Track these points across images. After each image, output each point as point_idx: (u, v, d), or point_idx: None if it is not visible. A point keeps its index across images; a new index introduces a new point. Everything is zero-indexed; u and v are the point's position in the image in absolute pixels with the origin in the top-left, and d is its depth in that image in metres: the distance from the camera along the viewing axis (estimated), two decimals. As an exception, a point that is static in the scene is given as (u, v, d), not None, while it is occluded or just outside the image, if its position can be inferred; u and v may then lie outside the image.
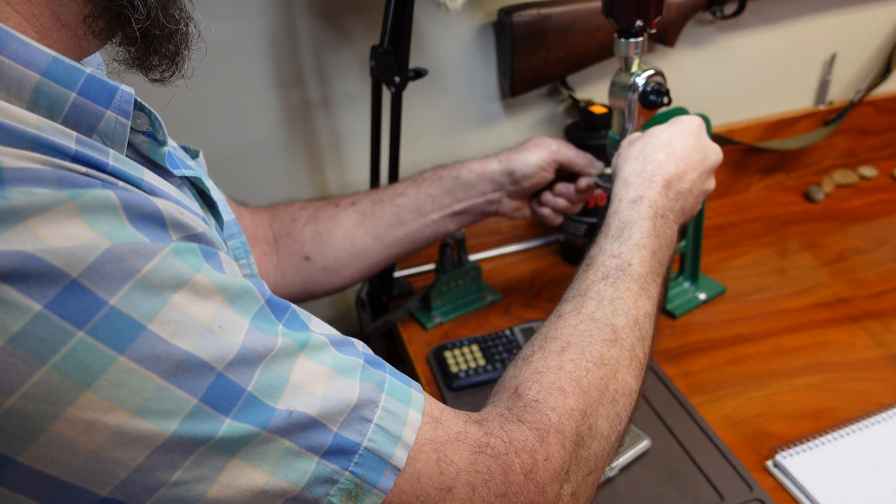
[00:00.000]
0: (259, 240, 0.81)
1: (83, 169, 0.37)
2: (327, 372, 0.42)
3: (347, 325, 1.17)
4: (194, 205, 0.50)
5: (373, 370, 0.45)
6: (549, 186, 0.87)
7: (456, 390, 0.84)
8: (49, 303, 0.33)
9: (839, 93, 1.24)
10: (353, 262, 0.84)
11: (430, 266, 1.06)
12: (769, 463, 0.73)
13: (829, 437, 0.75)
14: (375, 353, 0.49)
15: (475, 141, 1.08)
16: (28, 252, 0.32)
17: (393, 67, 0.85)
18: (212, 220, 0.54)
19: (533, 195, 0.88)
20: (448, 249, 0.97)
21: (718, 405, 0.81)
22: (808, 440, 0.74)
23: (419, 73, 0.88)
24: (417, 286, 1.03)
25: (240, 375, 0.38)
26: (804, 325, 0.92)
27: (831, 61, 1.19)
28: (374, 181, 0.96)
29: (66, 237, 0.34)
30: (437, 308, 0.98)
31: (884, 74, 1.20)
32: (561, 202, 0.86)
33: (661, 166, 0.68)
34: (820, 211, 1.18)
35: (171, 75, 0.49)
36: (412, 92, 0.94)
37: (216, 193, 0.60)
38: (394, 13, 0.82)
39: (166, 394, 0.35)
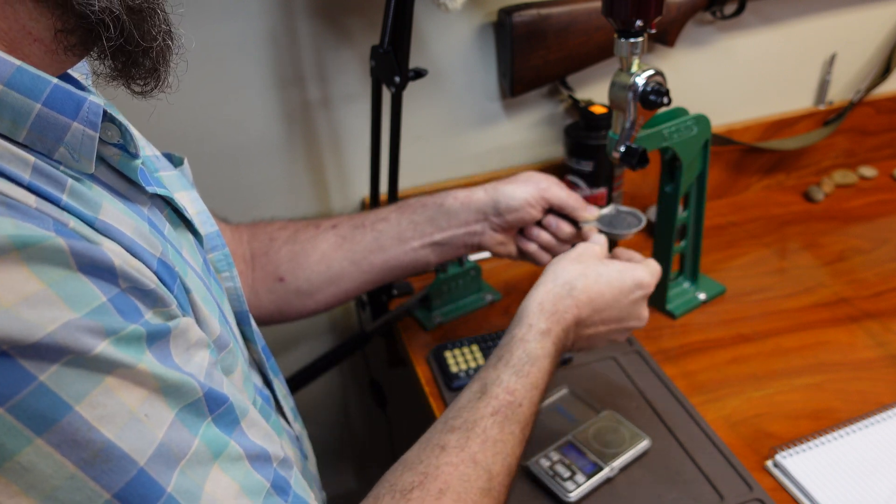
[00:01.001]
0: (237, 258, 0.80)
1: (34, 201, 0.36)
2: (237, 489, 0.41)
3: (347, 325, 1.17)
4: (165, 225, 0.49)
5: (276, 497, 0.45)
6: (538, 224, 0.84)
7: (456, 390, 0.84)
8: None
9: (839, 93, 1.24)
10: (327, 286, 0.82)
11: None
12: (769, 463, 0.73)
13: (828, 437, 0.75)
14: (375, 352, 0.49)
15: (475, 141, 1.08)
16: None
17: (393, 67, 0.85)
18: (186, 238, 0.53)
19: (520, 232, 0.84)
20: (448, 249, 0.97)
21: (718, 405, 0.81)
22: (808, 440, 0.74)
23: (419, 73, 0.87)
24: (417, 286, 1.03)
25: (161, 474, 0.36)
26: (804, 325, 0.92)
27: (831, 61, 1.19)
28: (374, 181, 0.96)
29: (11, 289, 0.32)
30: (437, 308, 0.98)
31: (884, 74, 1.20)
32: (545, 236, 0.83)
33: (581, 306, 0.68)
34: (820, 211, 1.18)
35: (152, 89, 0.48)
36: (412, 92, 0.94)
37: (196, 206, 0.59)
38: (394, 13, 0.82)
39: (78, 484, 0.33)
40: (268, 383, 0.65)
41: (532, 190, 0.80)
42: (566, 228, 0.82)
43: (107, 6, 0.40)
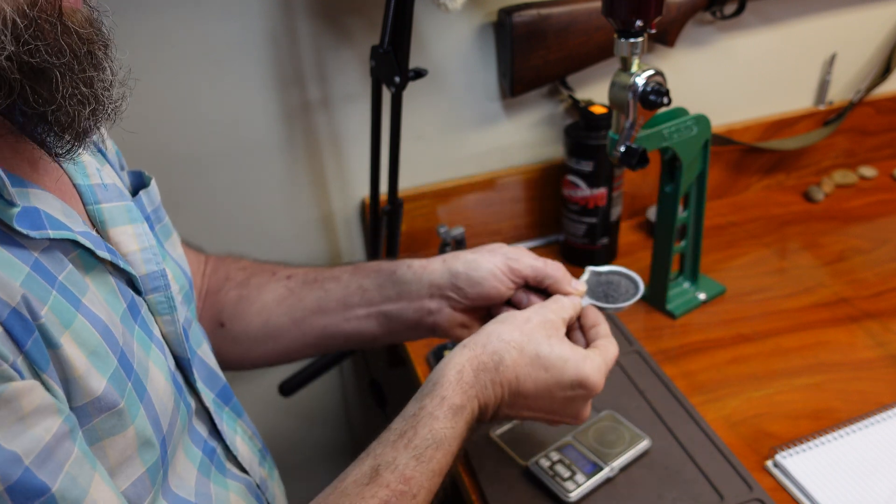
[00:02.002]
0: (195, 291, 0.75)
1: None
2: None
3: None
4: (64, 269, 0.45)
5: None
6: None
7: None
8: None
9: (839, 93, 1.24)
10: (265, 342, 0.74)
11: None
12: (769, 463, 0.73)
13: (828, 437, 0.75)
14: (375, 352, 0.48)
15: (475, 141, 1.08)
16: None
17: (393, 67, 0.85)
18: (104, 282, 0.48)
19: (488, 313, 0.71)
20: (448, 249, 0.97)
21: (718, 405, 0.81)
22: (808, 440, 0.74)
23: (419, 73, 0.87)
24: (417, 286, 1.03)
25: None
26: (804, 325, 0.92)
27: (831, 61, 1.19)
28: (374, 181, 0.96)
29: None
30: (437, 308, 0.98)
31: (884, 74, 1.20)
32: None
33: (504, 385, 0.59)
34: (820, 211, 1.18)
35: (68, 152, 0.45)
36: (412, 92, 0.94)
37: (142, 241, 0.54)
38: (394, 13, 0.82)
39: None
40: (218, 434, 0.60)
41: (498, 260, 0.68)
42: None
43: None
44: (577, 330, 0.68)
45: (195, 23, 0.88)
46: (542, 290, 0.70)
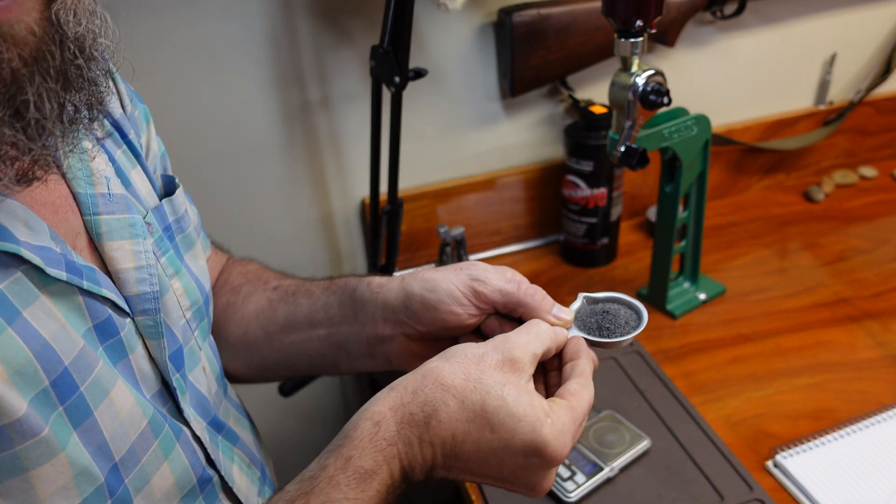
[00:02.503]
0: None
1: None
2: None
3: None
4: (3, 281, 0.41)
5: None
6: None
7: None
8: None
9: (839, 93, 1.24)
10: (242, 354, 0.69)
11: (431, 266, 1.06)
12: (769, 463, 0.73)
13: (829, 437, 0.75)
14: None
15: (475, 141, 1.08)
16: None
17: (393, 67, 0.85)
18: (60, 301, 0.45)
19: (455, 343, 0.56)
20: (448, 249, 0.97)
21: (718, 405, 0.81)
22: (809, 440, 0.74)
23: (419, 73, 0.87)
24: (417, 286, 1.03)
25: None
26: (804, 325, 0.92)
27: (831, 61, 1.19)
28: (374, 181, 0.96)
29: None
30: (437, 308, 0.98)
31: (884, 74, 1.20)
32: None
33: (436, 446, 0.47)
34: (820, 211, 1.17)
35: (20, 183, 0.42)
36: (412, 92, 0.94)
37: (140, 259, 0.51)
38: (394, 13, 0.82)
39: None
40: (211, 462, 0.56)
41: (460, 281, 0.56)
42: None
43: None
44: (556, 370, 0.55)
45: (195, 23, 0.88)
46: (519, 319, 0.56)
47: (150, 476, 0.49)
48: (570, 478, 0.71)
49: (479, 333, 0.58)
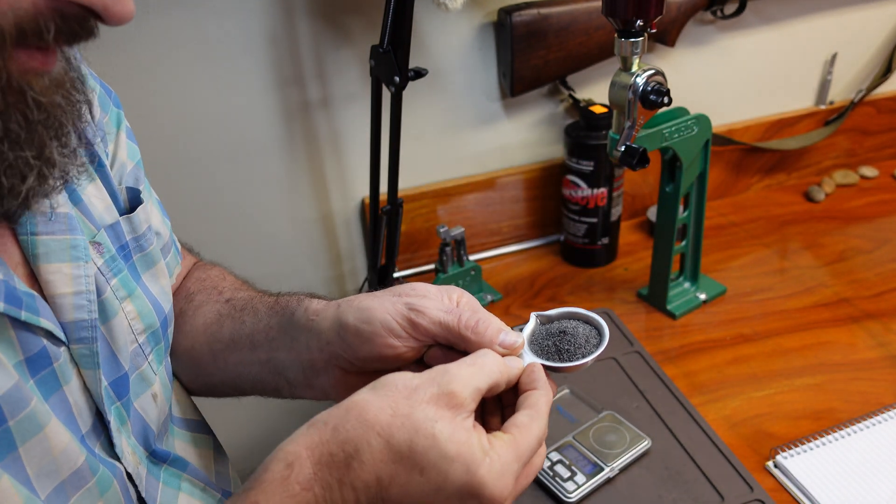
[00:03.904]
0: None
1: None
2: None
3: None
4: None
5: None
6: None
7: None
8: None
9: (840, 93, 1.24)
10: (189, 370, 0.64)
11: (430, 266, 1.06)
12: (770, 463, 0.73)
13: (829, 437, 0.74)
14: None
15: (475, 141, 1.08)
16: None
17: (393, 67, 0.84)
18: (6, 343, 0.42)
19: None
20: (448, 249, 0.97)
21: (719, 405, 0.81)
22: (809, 441, 0.74)
23: (419, 73, 0.87)
24: (417, 286, 1.03)
25: None
26: (805, 326, 0.92)
27: (832, 61, 1.19)
28: (374, 181, 0.96)
29: None
30: (437, 308, 0.97)
31: (884, 74, 1.20)
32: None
33: (359, 490, 0.42)
34: (820, 211, 1.17)
35: (6, 218, 0.41)
36: (412, 92, 0.94)
37: (79, 284, 0.47)
38: (394, 13, 0.82)
39: None
40: (143, 501, 0.52)
41: (395, 310, 0.50)
42: None
43: None
44: (512, 405, 0.48)
45: (195, 23, 0.88)
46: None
47: None
48: (571, 478, 0.71)
49: (422, 364, 0.52)
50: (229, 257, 1.04)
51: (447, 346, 0.51)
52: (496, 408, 0.51)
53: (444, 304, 0.51)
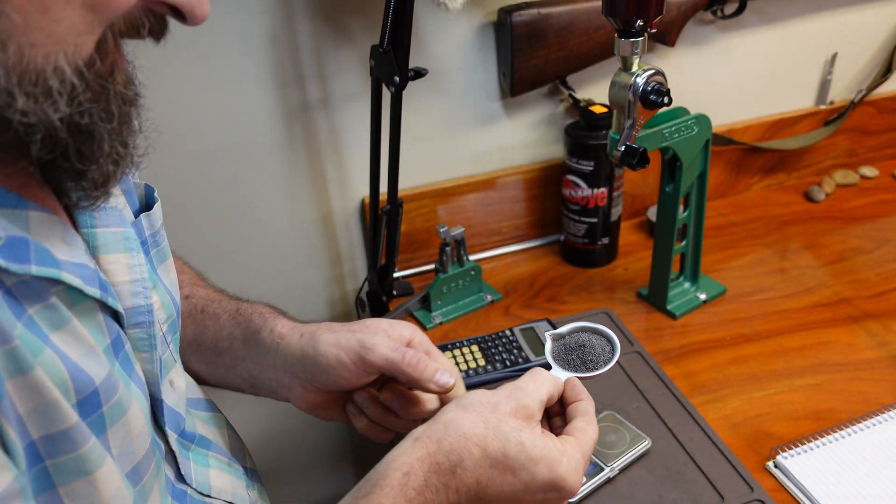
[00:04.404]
0: None
1: None
2: None
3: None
4: (34, 304, 0.41)
5: None
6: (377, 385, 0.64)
7: (456, 391, 0.84)
8: None
9: (840, 92, 1.24)
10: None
11: (430, 266, 1.06)
12: (770, 463, 0.73)
13: (829, 437, 0.74)
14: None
15: (475, 141, 1.08)
16: None
17: (393, 67, 0.84)
18: (89, 318, 0.45)
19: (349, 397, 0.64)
20: (448, 249, 0.97)
21: (719, 405, 0.81)
22: (809, 441, 0.74)
23: (419, 73, 0.87)
24: (417, 286, 1.03)
25: None
26: (805, 326, 0.92)
27: (832, 61, 1.19)
28: (374, 181, 0.96)
29: None
30: (437, 308, 0.98)
31: (885, 74, 1.20)
32: (378, 408, 0.62)
33: (461, 493, 0.51)
34: (821, 211, 1.17)
35: (88, 207, 0.44)
36: (412, 92, 0.94)
37: (134, 273, 0.51)
38: (394, 13, 0.82)
39: None
40: (181, 478, 0.57)
41: (349, 347, 0.59)
42: (407, 405, 0.61)
43: (43, 119, 0.37)
44: (557, 415, 0.59)
45: (195, 23, 0.88)
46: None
47: (148, 494, 0.49)
48: (571, 478, 0.71)
49: (375, 385, 0.63)
50: (229, 257, 1.05)
51: (393, 378, 0.60)
52: (544, 416, 0.59)
53: (392, 343, 0.59)
